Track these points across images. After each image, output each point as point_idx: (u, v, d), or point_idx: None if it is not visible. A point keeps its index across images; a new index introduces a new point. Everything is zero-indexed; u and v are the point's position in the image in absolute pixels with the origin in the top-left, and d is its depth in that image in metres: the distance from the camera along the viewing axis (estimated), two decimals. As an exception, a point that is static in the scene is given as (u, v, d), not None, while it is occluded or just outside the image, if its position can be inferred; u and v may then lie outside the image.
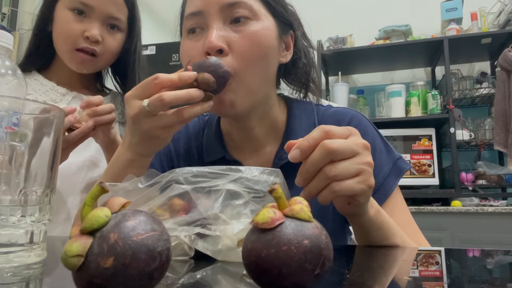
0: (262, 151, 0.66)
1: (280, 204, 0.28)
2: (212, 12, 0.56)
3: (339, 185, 0.40)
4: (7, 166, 0.38)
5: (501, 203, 2.12)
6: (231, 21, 0.56)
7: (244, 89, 0.56)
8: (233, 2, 0.55)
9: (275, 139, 0.66)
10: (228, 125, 0.67)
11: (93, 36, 0.85)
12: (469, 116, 2.45)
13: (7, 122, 0.38)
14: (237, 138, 0.66)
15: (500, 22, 2.34)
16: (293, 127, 0.65)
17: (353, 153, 0.41)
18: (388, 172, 0.63)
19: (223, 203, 0.40)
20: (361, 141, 0.43)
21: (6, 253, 0.36)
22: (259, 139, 0.65)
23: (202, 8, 0.56)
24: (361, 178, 0.42)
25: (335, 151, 0.40)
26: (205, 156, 0.68)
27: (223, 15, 0.56)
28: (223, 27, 0.56)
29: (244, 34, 0.55)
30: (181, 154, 0.70)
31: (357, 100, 2.71)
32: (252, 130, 0.64)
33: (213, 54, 0.54)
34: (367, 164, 0.42)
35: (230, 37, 0.55)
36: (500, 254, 0.50)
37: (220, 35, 0.54)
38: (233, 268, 0.38)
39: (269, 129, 0.65)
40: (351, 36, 2.68)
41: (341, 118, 0.67)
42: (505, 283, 0.34)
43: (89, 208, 0.26)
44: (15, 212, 0.37)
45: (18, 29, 2.79)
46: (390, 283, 0.34)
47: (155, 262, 0.25)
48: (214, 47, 0.53)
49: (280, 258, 0.26)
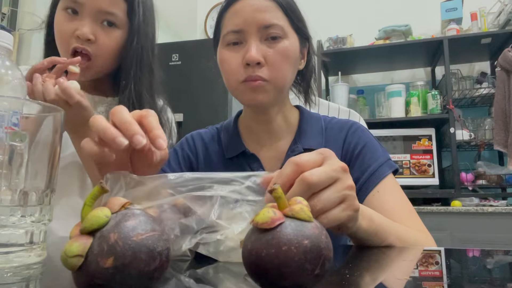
0: (277, 144, 0.76)
1: (280, 204, 0.28)
2: (251, 31, 0.67)
3: (326, 217, 0.39)
4: (7, 166, 0.38)
5: (501, 203, 2.12)
6: (266, 39, 0.68)
7: (274, 91, 0.69)
8: (269, 24, 0.67)
9: (289, 134, 0.77)
10: (250, 119, 0.78)
11: (83, 34, 0.78)
12: (469, 116, 2.45)
13: (7, 122, 0.38)
14: (256, 130, 0.77)
15: (500, 22, 2.34)
16: (305, 128, 0.77)
17: (333, 180, 0.40)
18: (383, 162, 0.71)
19: (219, 209, 0.40)
20: (338, 164, 0.41)
21: (6, 253, 0.36)
22: (275, 132, 0.76)
23: (243, 28, 0.68)
24: (345, 205, 0.40)
25: (316, 184, 0.38)
26: (226, 153, 0.77)
27: (260, 34, 0.68)
28: (260, 43, 0.68)
29: (277, 50, 0.68)
30: (200, 160, 0.80)
31: (357, 100, 2.71)
32: (270, 122, 0.75)
33: (253, 65, 0.66)
34: (349, 188, 0.41)
35: (265, 52, 0.67)
36: (500, 254, 0.50)
37: (258, 50, 0.66)
38: (233, 267, 0.38)
39: (284, 124, 0.77)
40: (351, 36, 2.68)
41: (343, 125, 0.78)
42: (505, 283, 0.34)
43: (89, 208, 0.26)
44: (15, 212, 0.37)
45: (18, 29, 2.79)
46: (390, 283, 0.34)
47: (155, 262, 0.25)
48: (254, 60, 0.66)
49: (280, 258, 0.26)
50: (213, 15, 3.17)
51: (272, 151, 0.76)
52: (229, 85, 0.72)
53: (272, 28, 0.67)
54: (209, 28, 3.15)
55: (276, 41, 0.68)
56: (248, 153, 0.75)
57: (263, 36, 0.68)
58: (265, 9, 0.67)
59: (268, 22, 0.67)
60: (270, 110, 0.74)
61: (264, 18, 0.67)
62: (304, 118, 0.78)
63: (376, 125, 2.38)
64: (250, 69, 0.66)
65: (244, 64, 0.67)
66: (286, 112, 0.77)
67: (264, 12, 0.67)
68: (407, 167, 2.36)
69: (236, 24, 0.68)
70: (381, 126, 2.42)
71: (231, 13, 0.70)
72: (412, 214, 0.67)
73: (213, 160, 0.79)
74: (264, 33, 0.67)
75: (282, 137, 0.77)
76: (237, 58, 0.68)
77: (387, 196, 0.68)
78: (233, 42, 0.69)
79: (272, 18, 0.67)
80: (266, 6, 0.68)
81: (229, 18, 0.70)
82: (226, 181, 0.40)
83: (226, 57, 0.70)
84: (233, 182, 0.40)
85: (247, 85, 0.67)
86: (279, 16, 0.69)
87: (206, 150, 0.80)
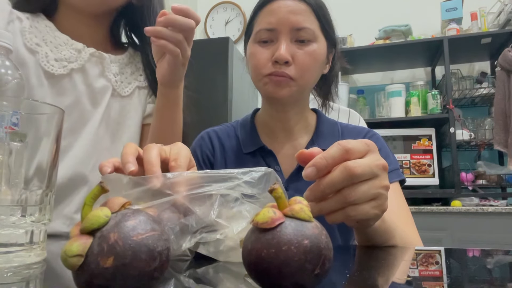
0: (294, 142, 0.78)
1: (280, 204, 0.28)
2: (283, 31, 0.70)
3: (355, 209, 0.39)
4: (7, 166, 0.38)
5: (501, 203, 2.12)
6: (296, 40, 0.70)
7: (297, 89, 0.71)
8: (301, 27, 0.70)
9: (306, 134, 0.79)
10: (269, 117, 0.80)
11: None
12: (469, 116, 2.45)
13: (7, 122, 0.38)
14: (274, 128, 0.79)
15: (500, 22, 2.34)
16: (322, 130, 0.79)
17: (373, 175, 0.39)
18: (392, 170, 0.71)
19: (218, 208, 0.40)
20: (381, 162, 0.41)
21: (6, 253, 0.36)
22: (292, 130, 0.78)
23: (276, 27, 0.70)
24: (376, 203, 0.40)
25: (359, 176, 0.38)
26: (244, 148, 0.79)
27: (291, 35, 0.70)
28: (290, 43, 0.70)
29: (306, 51, 0.70)
30: (217, 156, 0.81)
31: (357, 100, 2.70)
32: (288, 121, 0.77)
33: (281, 63, 0.69)
34: (385, 188, 0.41)
35: (294, 52, 0.70)
36: (500, 254, 0.50)
37: (288, 50, 0.69)
38: (233, 267, 0.38)
39: (302, 124, 0.79)
40: (351, 36, 2.68)
41: (361, 131, 0.81)
42: (505, 283, 0.34)
43: (89, 208, 0.26)
44: (15, 212, 0.37)
45: (18, 29, 2.78)
46: (390, 283, 0.34)
47: (155, 262, 0.25)
48: (283, 59, 0.68)
49: (280, 258, 0.26)
50: (213, 15, 3.17)
51: (288, 148, 0.78)
52: (254, 77, 0.74)
53: (303, 31, 0.70)
54: (209, 28, 3.15)
55: (306, 44, 0.70)
56: (266, 149, 0.77)
57: (294, 37, 0.70)
58: (299, 12, 0.70)
59: (301, 25, 0.69)
60: (289, 108, 0.76)
61: (298, 20, 0.69)
62: (321, 120, 0.81)
63: (376, 125, 2.38)
64: (278, 66, 0.69)
65: (273, 61, 0.69)
66: (304, 113, 0.79)
67: (298, 14, 0.70)
68: (407, 167, 2.36)
69: (270, 23, 0.71)
70: (381, 126, 2.42)
71: (266, 11, 0.72)
72: (410, 221, 0.68)
73: (230, 156, 0.80)
74: (295, 35, 0.70)
75: (299, 136, 0.79)
76: (267, 54, 0.71)
77: (389, 200, 0.68)
78: (264, 40, 0.72)
79: (305, 22, 0.70)
80: (301, 9, 0.70)
81: (263, 16, 0.73)
82: (225, 179, 0.40)
83: (257, 51, 0.72)
84: (232, 179, 0.40)
85: (272, 78, 0.69)
86: (311, 19, 0.71)
87: (222, 146, 0.82)
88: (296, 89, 0.71)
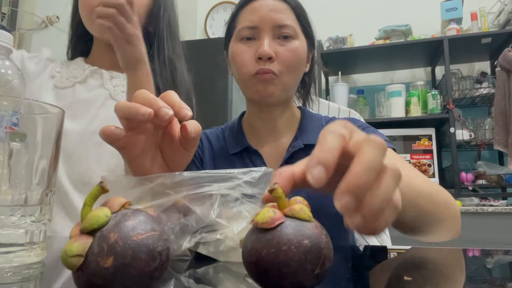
0: (279, 141, 0.79)
1: (280, 204, 0.28)
2: (266, 28, 0.72)
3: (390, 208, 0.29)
4: (7, 166, 0.38)
5: (501, 203, 2.12)
6: (279, 37, 0.72)
7: (282, 86, 0.72)
8: (283, 24, 0.72)
9: (290, 132, 0.80)
10: (253, 117, 0.81)
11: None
12: (469, 116, 2.45)
13: (7, 122, 0.38)
14: (259, 128, 0.80)
15: (500, 22, 2.34)
16: (305, 125, 0.80)
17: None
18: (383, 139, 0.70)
19: (218, 208, 0.40)
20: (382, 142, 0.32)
21: (6, 253, 0.36)
22: (278, 130, 0.79)
23: (258, 25, 0.72)
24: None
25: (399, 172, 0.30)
26: (230, 149, 0.80)
27: (273, 32, 0.72)
28: (272, 40, 0.72)
29: (288, 48, 0.72)
30: (206, 157, 0.82)
31: (357, 100, 2.70)
32: (274, 120, 0.78)
33: (265, 59, 0.70)
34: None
35: (277, 49, 0.71)
36: (500, 254, 0.50)
37: (271, 46, 0.71)
38: (233, 267, 0.38)
39: (287, 122, 0.80)
40: (351, 36, 2.68)
41: None
42: (505, 283, 0.34)
43: (89, 208, 0.26)
44: (15, 212, 0.37)
45: (18, 29, 2.79)
46: (390, 283, 0.34)
47: (155, 262, 0.25)
48: (267, 55, 0.69)
49: (280, 258, 0.26)
50: (213, 15, 3.17)
51: (274, 148, 0.79)
52: (240, 77, 0.74)
53: (285, 28, 0.72)
54: (209, 28, 3.15)
55: (287, 40, 0.72)
56: (251, 149, 0.78)
57: (276, 35, 0.72)
58: (280, 10, 0.72)
59: (282, 22, 0.72)
60: (274, 109, 0.77)
61: (279, 18, 0.72)
62: (305, 116, 0.82)
63: (376, 125, 2.36)
64: (262, 62, 0.70)
65: (256, 58, 0.71)
66: (289, 113, 0.80)
67: (279, 12, 0.72)
68: (407, 167, 2.36)
69: (252, 21, 0.73)
70: (381, 126, 2.42)
71: (248, 10, 0.74)
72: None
73: (218, 157, 0.82)
74: (277, 32, 0.72)
75: (283, 134, 0.80)
76: (250, 52, 0.72)
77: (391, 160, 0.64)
78: (247, 37, 0.73)
79: (286, 19, 0.72)
80: (281, 8, 0.73)
81: (245, 15, 0.75)
82: (225, 178, 0.40)
83: (239, 50, 0.74)
84: (233, 179, 0.40)
85: (259, 78, 0.70)
86: (291, 18, 0.73)
87: (211, 147, 0.84)
88: (281, 87, 0.72)
